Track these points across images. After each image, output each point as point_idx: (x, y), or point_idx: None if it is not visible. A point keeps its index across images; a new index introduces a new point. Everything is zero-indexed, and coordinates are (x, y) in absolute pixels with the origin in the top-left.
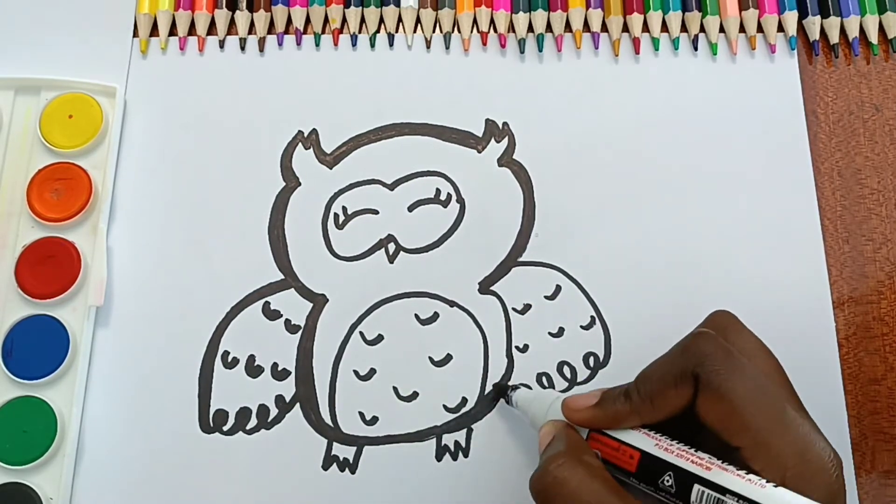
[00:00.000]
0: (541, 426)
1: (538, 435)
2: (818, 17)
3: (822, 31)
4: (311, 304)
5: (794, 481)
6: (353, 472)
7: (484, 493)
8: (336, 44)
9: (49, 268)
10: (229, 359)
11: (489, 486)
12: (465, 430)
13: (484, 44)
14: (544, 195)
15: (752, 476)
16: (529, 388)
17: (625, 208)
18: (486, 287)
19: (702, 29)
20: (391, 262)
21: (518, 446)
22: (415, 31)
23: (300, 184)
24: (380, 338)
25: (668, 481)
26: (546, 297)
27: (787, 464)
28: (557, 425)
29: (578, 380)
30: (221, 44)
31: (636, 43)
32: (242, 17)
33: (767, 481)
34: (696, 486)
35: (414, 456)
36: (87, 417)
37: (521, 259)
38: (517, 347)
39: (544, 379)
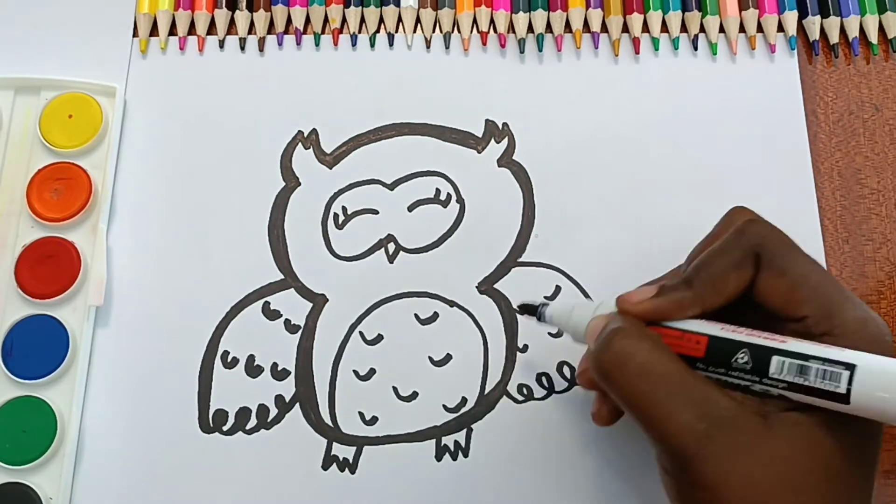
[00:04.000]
0: (586, 329)
1: (585, 336)
2: (818, 16)
3: (822, 31)
4: (311, 304)
5: (859, 348)
6: (352, 472)
7: (484, 493)
8: (336, 44)
9: (49, 268)
10: (229, 359)
11: (489, 486)
12: (465, 430)
13: (484, 44)
14: (544, 195)
15: (829, 344)
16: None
17: (625, 208)
18: (485, 287)
19: (702, 29)
20: (391, 262)
21: (518, 446)
22: (415, 31)
23: (300, 184)
24: (380, 338)
25: (742, 359)
26: (546, 298)
27: (851, 331)
28: (610, 315)
29: None
30: (221, 44)
31: (636, 43)
32: (242, 17)
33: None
34: (776, 358)
35: (414, 456)
36: (87, 417)
37: (521, 259)
38: (517, 347)
39: (544, 379)
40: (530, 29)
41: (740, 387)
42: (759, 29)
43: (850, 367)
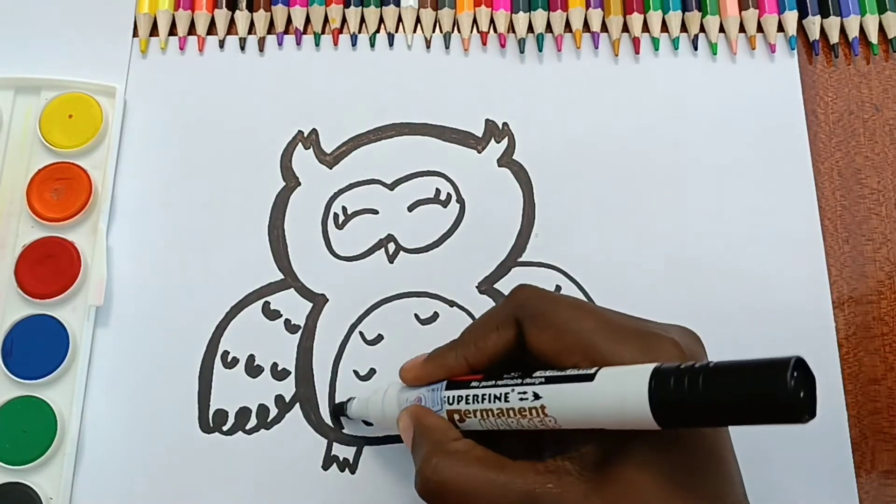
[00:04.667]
0: (388, 419)
1: (397, 428)
2: (818, 16)
3: (822, 31)
4: (311, 304)
5: None
6: (353, 472)
7: None
8: (336, 44)
9: (49, 268)
10: (229, 358)
11: None
12: None
13: (484, 44)
14: (544, 195)
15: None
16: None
17: (625, 208)
18: (485, 287)
19: (702, 29)
20: (391, 262)
21: None
22: (415, 31)
23: (300, 183)
24: (380, 338)
25: (514, 373)
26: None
27: (628, 359)
28: (409, 412)
29: None
30: (221, 44)
31: (636, 43)
32: (242, 16)
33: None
34: (540, 371)
35: None
36: (87, 417)
37: (521, 259)
38: None
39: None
40: (530, 29)
41: (502, 396)
42: (759, 29)
43: (600, 367)
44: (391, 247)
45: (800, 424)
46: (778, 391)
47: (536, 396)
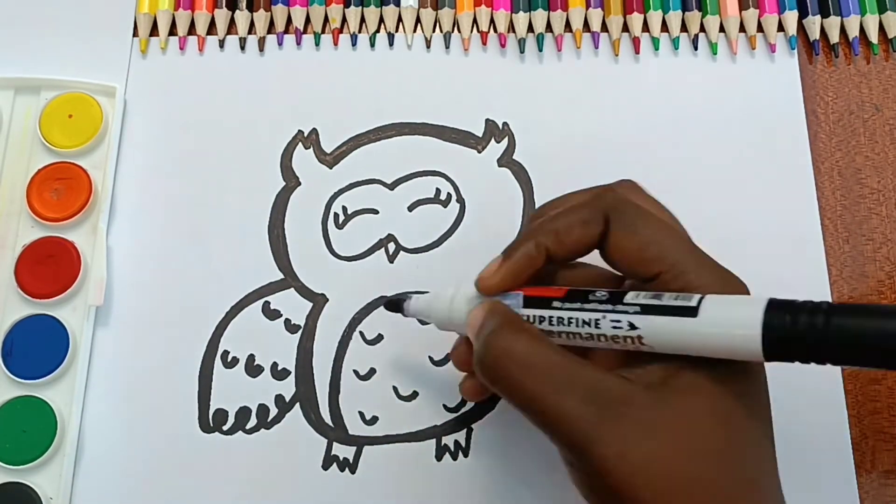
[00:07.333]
0: (452, 319)
1: (467, 330)
2: (818, 16)
3: (823, 31)
4: (311, 304)
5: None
6: (353, 472)
7: (484, 493)
8: (336, 43)
9: (49, 267)
10: (229, 358)
11: (489, 486)
12: (465, 430)
13: (484, 44)
14: (544, 195)
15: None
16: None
17: None
18: None
19: (702, 28)
20: (391, 261)
21: (518, 446)
22: (415, 31)
23: (300, 183)
24: (380, 337)
25: (601, 293)
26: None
27: (707, 287)
28: (484, 306)
29: None
30: (221, 43)
31: (636, 43)
32: (242, 16)
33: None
34: (632, 292)
35: (414, 456)
36: (87, 417)
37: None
38: None
39: None
40: (530, 29)
41: (592, 322)
42: (760, 29)
43: (702, 296)
44: (391, 247)
45: None
46: None
47: (632, 326)
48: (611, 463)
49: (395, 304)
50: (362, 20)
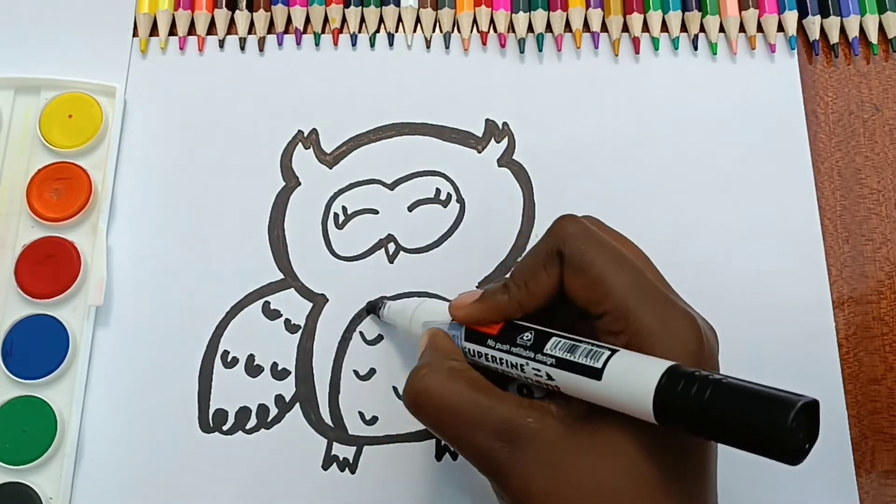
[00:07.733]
0: (412, 332)
1: (415, 342)
2: (818, 16)
3: (822, 31)
4: (311, 304)
5: (656, 347)
6: (353, 472)
7: (484, 493)
8: (336, 44)
9: (49, 267)
10: (229, 358)
11: (489, 487)
12: None
13: (484, 44)
14: (544, 195)
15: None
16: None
17: (624, 208)
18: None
19: (702, 29)
20: (391, 262)
21: None
22: (415, 31)
23: (300, 183)
24: (380, 338)
25: (527, 336)
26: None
27: (647, 329)
28: (427, 335)
29: None
30: (221, 43)
31: (636, 43)
32: (242, 16)
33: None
34: (554, 338)
35: (414, 456)
36: (87, 417)
37: (521, 259)
38: None
39: None
40: (530, 29)
41: (518, 365)
42: (759, 29)
43: (613, 350)
44: (391, 247)
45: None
46: (776, 428)
47: (550, 378)
48: (518, 495)
49: (372, 307)
50: (362, 20)
